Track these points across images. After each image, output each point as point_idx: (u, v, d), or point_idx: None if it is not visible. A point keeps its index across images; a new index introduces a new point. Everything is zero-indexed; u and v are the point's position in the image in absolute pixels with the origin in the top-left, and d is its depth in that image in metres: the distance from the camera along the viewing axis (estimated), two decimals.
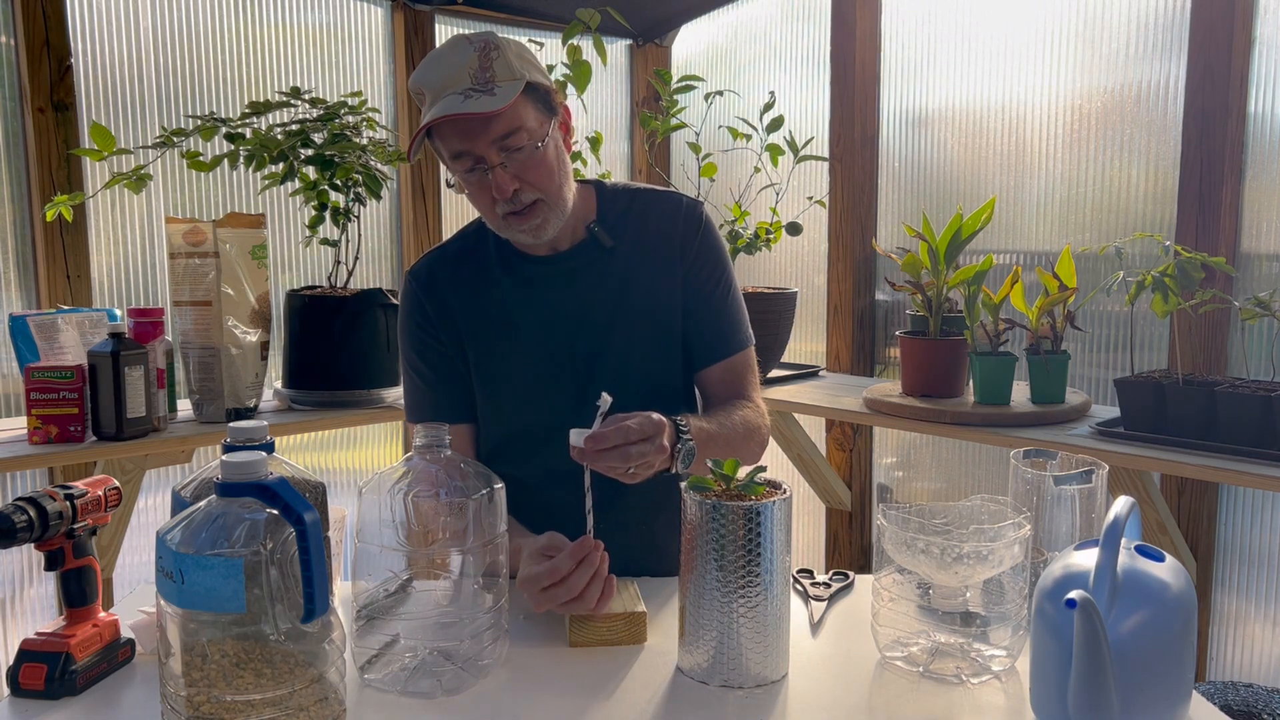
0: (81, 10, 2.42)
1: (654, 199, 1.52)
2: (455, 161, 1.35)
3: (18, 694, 1.06)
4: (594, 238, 1.47)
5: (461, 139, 1.32)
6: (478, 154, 1.32)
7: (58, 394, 1.91)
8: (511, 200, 1.35)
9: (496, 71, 1.31)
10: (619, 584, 1.28)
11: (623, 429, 1.17)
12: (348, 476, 2.99)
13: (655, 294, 1.47)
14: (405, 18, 2.98)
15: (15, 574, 2.39)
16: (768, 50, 3.30)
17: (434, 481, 1.09)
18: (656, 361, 1.48)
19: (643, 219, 1.49)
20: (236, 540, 0.86)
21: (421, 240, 3.05)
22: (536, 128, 1.34)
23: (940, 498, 2.89)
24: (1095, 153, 2.46)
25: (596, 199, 1.51)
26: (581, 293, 1.46)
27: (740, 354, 1.53)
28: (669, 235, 1.48)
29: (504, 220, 1.38)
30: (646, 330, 1.47)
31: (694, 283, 1.49)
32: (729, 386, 1.52)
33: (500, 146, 1.32)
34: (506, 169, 1.33)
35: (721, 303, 1.51)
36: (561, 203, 1.39)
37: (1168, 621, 0.92)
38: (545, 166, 1.36)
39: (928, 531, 1.11)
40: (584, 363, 1.45)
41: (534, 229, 1.38)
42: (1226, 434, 1.82)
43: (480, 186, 1.36)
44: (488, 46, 1.32)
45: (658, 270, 1.47)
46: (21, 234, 2.36)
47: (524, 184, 1.35)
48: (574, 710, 1.04)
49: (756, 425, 1.48)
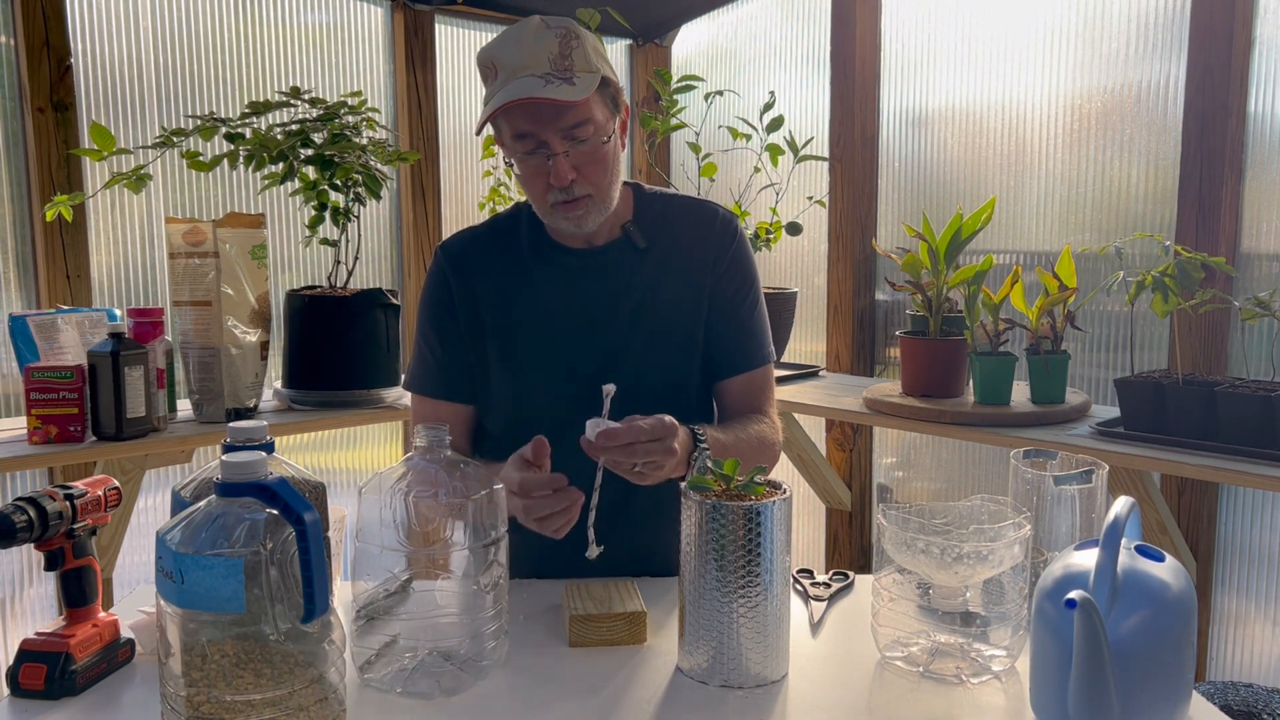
0: (81, 10, 2.42)
1: (690, 206, 1.54)
2: (517, 141, 1.36)
3: (18, 694, 1.06)
4: (628, 237, 1.48)
5: (531, 121, 1.33)
6: (543, 138, 1.34)
7: (58, 394, 1.91)
8: (565, 190, 1.36)
9: (575, 61, 1.32)
10: (619, 584, 1.28)
11: (635, 428, 1.19)
12: (348, 476, 2.99)
13: (681, 299, 1.48)
14: (405, 18, 2.98)
15: (15, 574, 2.39)
16: (768, 50, 3.30)
17: (434, 481, 1.09)
18: (675, 365, 1.48)
19: (677, 225, 1.51)
20: (236, 540, 0.86)
21: (421, 240, 3.05)
22: (603, 123, 1.37)
23: (940, 498, 2.89)
24: (1095, 153, 2.46)
25: (634, 200, 1.52)
26: (609, 288, 1.47)
27: (760, 369, 1.54)
28: (702, 244, 1.50)
29: (552, 208, 1.40)
30: (668, 333, 1.47)
31: (722, 294, 1.50)
32: (746, 400, 1.53)
33: (567, 135, 1.33)
34: (568, 158, 1.35)
35: (747, 317, 1.52)
36: (609, 200, 1.41)
37: (1168, 621, 0.92)
38: (604, 162, 1.38)
39: (928, 531, 1.11)
40: (603, 357, 1.45)
41: (577, 219, 1.40)
42: (1226, 434, 1.82)
43: (537, 171, 1.37)
44: (569, 34, 1.34)
45: (687, 276, 1.48)
46: (21, 234, 2.36)
47: (580, 176, 1.36)
48: (574, 710, 1.04)
49: (770, 440, 1.49)
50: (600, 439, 1.18)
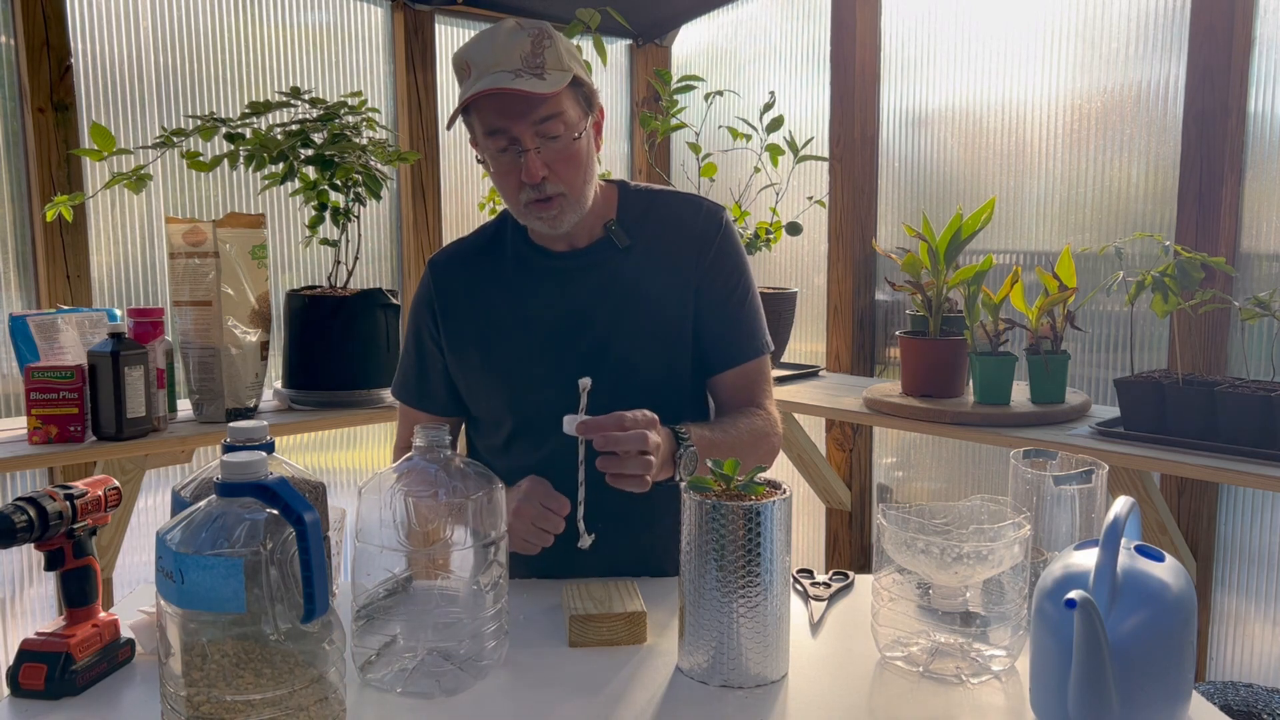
0: (81, 10, 2.42)
1: (674, 201, 1.54)
2: (489, 138, 1.37)
3: (18, 694, 1.06)
4: (610, 236, 1.48)
5: (501, 116, 1.34)
6: (514, 134, 1.35)
7: (58, 394, 1.91)
8: (537, 188, 1.37)
9: (547, 59, 1.34)
10: (619, 584, 1.28)
11: (617, 415, 1.21)
12: (348, 476, 2.99)
13: (666, 295, 1.47)
14: (405, 18, 2.98)
15: (15, 574, 2.39)
16: (768, 50, 3.30)
17: (433, 481, 1.09)
18: (663, 362, 1.48)
19: (662, 221, 1.50)
20: (236, 540, 0.86)
21: (421, 240, 3.05)
22: (575, 121, 1.37)
23: (940, 498, 2.89)
24: (1095, 153, 2.46)
25: (618, 198, 1.52)
26: (592, 289, 1.47)
27: (754, 361, 1.52)
28: (687, 238, 1.49)
29: (525, 207, 1.40)
30: (655, 330, 1.47)
31: (710, 287, 1.49)
32: (741, 393, 1.52)
33: (538, 131, 1.34)
34: (539, 154, 1.35)
35: (738, 308, 1.51)
36: (582, 200, 1.42)
37: (1168, 621, 0.92)
38: (575, 160, 1.38)
39: (928, 531, 1.11)
40: (588, 358, 1.45)
41: (551, 219, 1.40)
42: (1226, 434, 1.82)
43: (509, 168, 1.38)
44: (541, 35, 1.35)
45: (671, 272, 1.48)
46: (21, 234, 2.36)
47: (552, 174, 1.37)
48: (574, 710, 1.04)
49: (765, 433, 1.47)
50: (581, 429, 1.20)
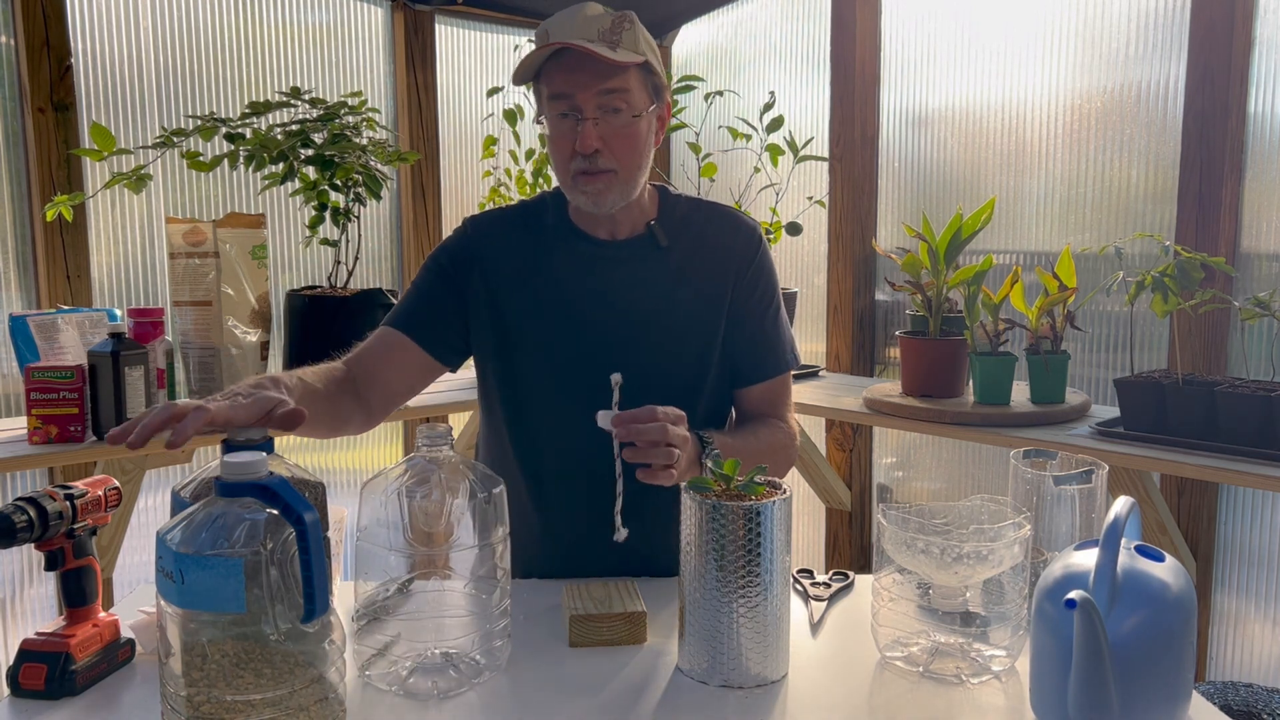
0: (81, 10, 2.42)
1: (715, 212, 1.55)
2: (552, 102, 1.38)
3: (18, 694, 1.06)
4: (652, 234, 1.49)
5: (567, 81, 1.35)
6: (578, 102, 1.35)
7: (58, 394, 1.91)
8: (589, 159, 1.37)
9: (624, 39, 1.35)
10: (619, 584, 1.28)
11: (649, 408, 1.20)
12: (348, 476, 2.99)
13: (700, 301, 1.48)
14: (405, 18, 2.98)
15: (15, 574, 2.39)
16: (768, 50, 3.30)
17: (434, 482, 1.09)
18: (684, 367, 1.48)
19: (702, 229, 1.51)
20: (236, 540, 0.86)
21: (421, 240, 3.05)
22: (638, 103, 1.38)
23: (940, 498, 2.89)
24: (1095, 153, 2.46)
25: (660, 200, 1.53)
26: (629, 281, 1.47)
27: (779, 377, 1.55)
28: (726, 250, 1.50)
29: (573, 177, 1.40)
30: (684, 333, 1.47)
31: (744, 302, 1.50)
32: (765, 405, 1.54)
33: (600, 103, 1.35)
34: (597, 126, 1.36)
35: (771, 326, 1.53)
36: (632, 182, 1.42)
37: (1168, 621, 0.92)
38: (632, 140, 1.38)
39: (928, 531, 1.11)
40: (617, 349, 1.44)
41: (596, 193, 1.40)
42: (1226, 434, 1.82)
43: (565, 134, 1.38)
44: (623, 18, 1.37)
45: (708, 279, 1.49)
46: (21, 234, 2.36)
47: (606, 148, 1.37)
48: (574, 710, 1.04)
49: (783, 445, 1.49)
50: (616, 423, 1.19)
